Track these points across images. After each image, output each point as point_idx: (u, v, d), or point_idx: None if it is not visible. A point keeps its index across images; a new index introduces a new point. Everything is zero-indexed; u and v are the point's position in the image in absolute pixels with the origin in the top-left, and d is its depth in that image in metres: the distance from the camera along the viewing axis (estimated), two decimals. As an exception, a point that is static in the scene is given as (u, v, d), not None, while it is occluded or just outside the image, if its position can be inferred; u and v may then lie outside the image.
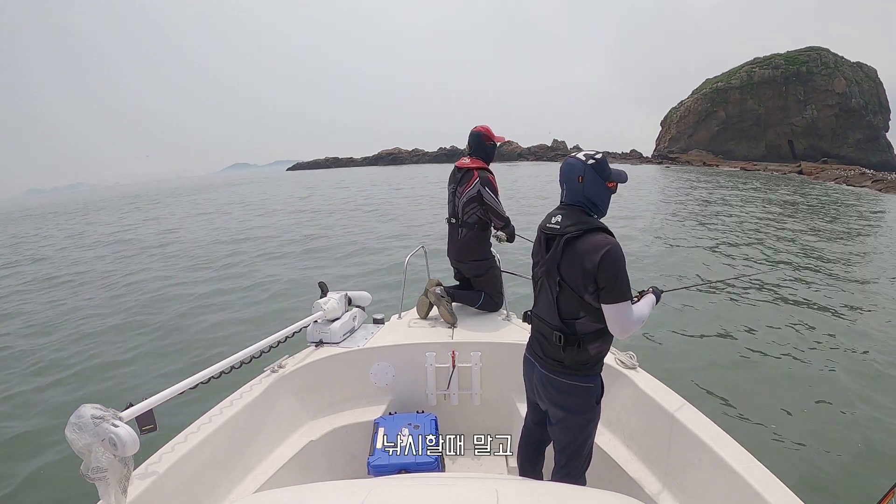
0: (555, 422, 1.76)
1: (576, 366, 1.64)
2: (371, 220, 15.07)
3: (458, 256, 3.03)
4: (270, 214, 18.94)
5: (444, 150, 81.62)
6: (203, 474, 1.73)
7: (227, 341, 5.37)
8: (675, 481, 1.81)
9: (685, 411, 1.88)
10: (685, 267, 8.19)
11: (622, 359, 2.28)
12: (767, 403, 3.84)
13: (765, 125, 53.54)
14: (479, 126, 2.92)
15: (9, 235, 21.97)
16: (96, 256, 12.40)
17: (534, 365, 1.77)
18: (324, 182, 42.73)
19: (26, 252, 15.00)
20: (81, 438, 1.33)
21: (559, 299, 1.62)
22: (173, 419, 2.16)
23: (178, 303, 7.25)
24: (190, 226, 17.49)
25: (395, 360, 2.55)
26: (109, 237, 16.39)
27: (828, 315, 5.82)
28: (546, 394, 1.73)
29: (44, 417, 4.07)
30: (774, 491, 1.42)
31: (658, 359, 4.42)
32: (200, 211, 23.66)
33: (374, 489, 1.08)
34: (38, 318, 7.15)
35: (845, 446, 3.30)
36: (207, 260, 10.50)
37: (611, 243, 1.53)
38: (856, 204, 17.66)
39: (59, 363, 5.23)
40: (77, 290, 8.81)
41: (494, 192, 2.84)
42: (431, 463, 2.00)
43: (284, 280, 8.13)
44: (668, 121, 64.08)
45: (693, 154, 54.46)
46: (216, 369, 1.90)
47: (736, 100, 55.61)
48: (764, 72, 55.61)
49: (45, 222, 27.95)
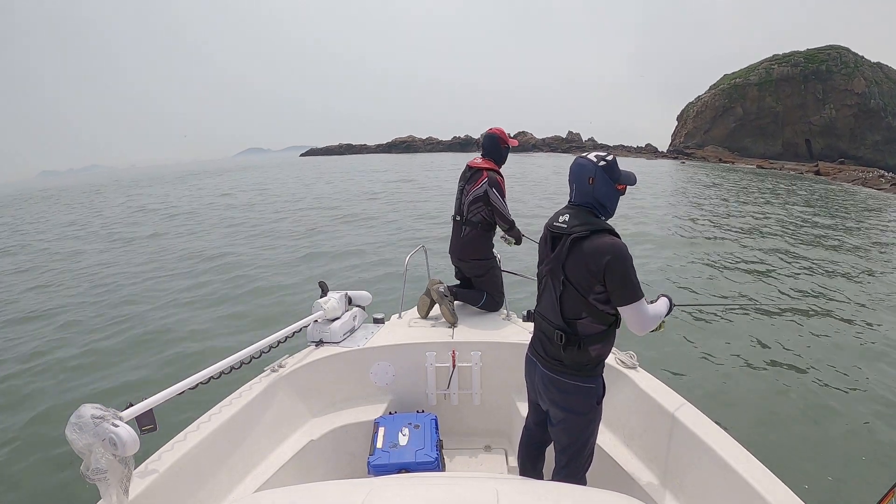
0: (556, 422, 1.76)
1: (577, 366, 1.64)
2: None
3: (460, 255, 3.03)
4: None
5: (458, 140, 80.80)
6: (203, 474, 1.74)
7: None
8: (675, 481, 1.81)
9: (685, 411, 1.87)
10: (697, 278, 7.55)
11: (622, 358, 2.27)
12: (767, 404, 3.81)
13: (782, 123, 52.49)
14: (494, 128, 2.96)
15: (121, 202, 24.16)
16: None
17: (536, 365, 1.77)
18: (330, 169, 42.69)
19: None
20: (82, 438, 1.34)
21: (563, 299, 1.62)
22: (173, 419, 2.18)
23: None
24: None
25: (396, 360, 2.56)
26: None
27: (833, 318, 5.76)
28: (547, 394, 1.73)
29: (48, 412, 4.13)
30: (775, 491, 1.42)
31: (657, 358, 4.39)
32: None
33: (374, 489, 1.08)
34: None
35: (845, 446, 3.28)
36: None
37: (617, 245, 1.52)
38: (881, 209, 16.54)
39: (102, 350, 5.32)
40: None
41: (501, 194, 2.85)
42: (431, 462, 2.00)
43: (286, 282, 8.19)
44: (684, 116, 63.00)
45: (709, 150, 53.40)
46: (216, 369, 1.92)
47: (754, 96, 54.48)
48: (783, 69, 54.48)
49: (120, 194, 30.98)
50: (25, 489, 3.22)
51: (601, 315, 1.58)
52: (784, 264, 8.32)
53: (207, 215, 16.42)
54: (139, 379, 4.59)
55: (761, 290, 6.91)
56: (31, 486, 3.25)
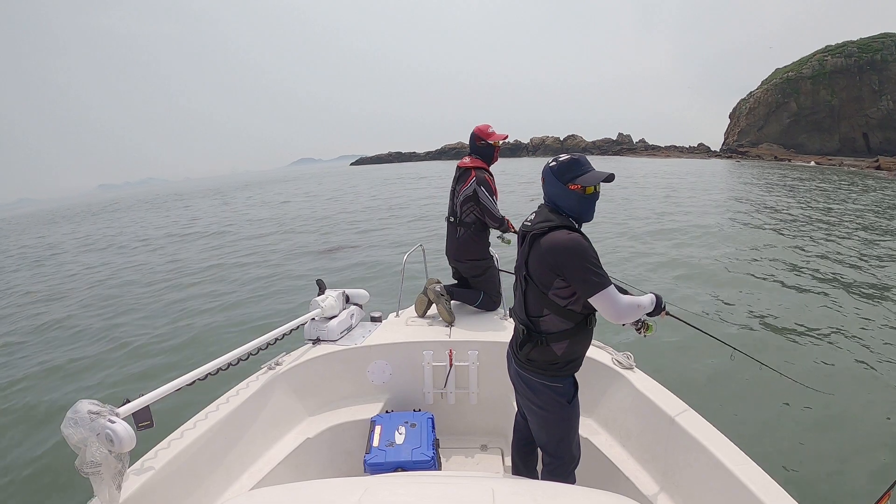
0: (530, 418, 1.81)
1: (543, 365, 1.67)
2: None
3: (456, 256, 3.03)
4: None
5: (508, 145, 75.39)
6: (199, 471, 1.73)
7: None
8: (671, 481, 1.81)
9: (682, 412, 1.88)
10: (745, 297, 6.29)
11: (619, 359, 2.28)
12: (764, 405, 3.83)
13: (838, 117, 49.60)
14: (478, 126, 2.94)
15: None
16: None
17: (511, 361, 1.82)
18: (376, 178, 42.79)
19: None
20: (77, 433, 1.33)
21: (526, 295, 1.67)
22: (170, 416, 2.17)
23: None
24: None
25: (393, 359, 2.56)
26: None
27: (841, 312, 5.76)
28: (519, 389, 1.79)
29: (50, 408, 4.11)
30: (770, 491, 1.43)
31: (656, 357, 4.41)
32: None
33: (370, 487, 1.08)
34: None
35: (842, 447, 3.30)
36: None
37: (573, 238, 1.54)
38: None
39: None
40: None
41: (490, 192, 2.85)
42: (428, 461, 2.00)
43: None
44: (736, 113, 60.24)
45: (763, 148, 51.14)
46: (213, 366, 1.91)
47: (808, 90, 51.84)
48: (836, 60, 51.56)
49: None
50: (21, 484, 3.20)
51: (564, 312, 1.60)
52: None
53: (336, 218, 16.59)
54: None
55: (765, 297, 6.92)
56: (26, 479, 3.23)
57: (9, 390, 4.61)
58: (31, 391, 4.56)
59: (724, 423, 2.76)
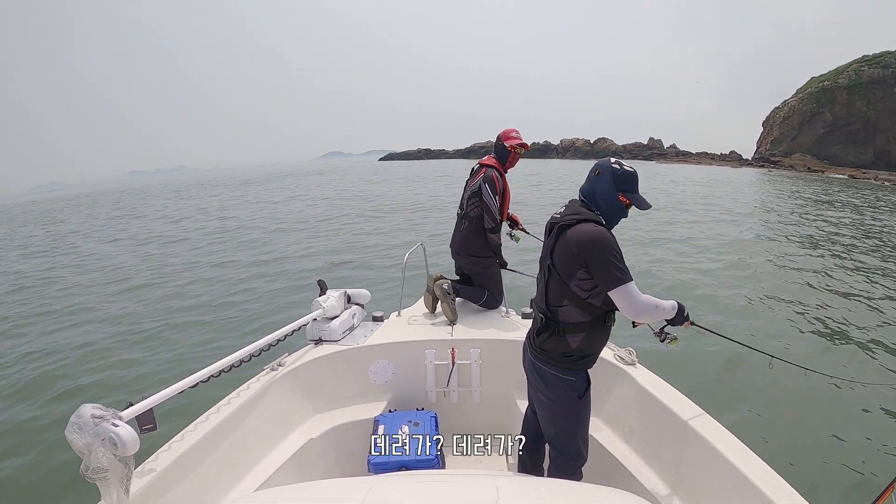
0: (539, 410, 1.83)
1: (558, 356, 1.69)
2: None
3: (458, 248, 3.08)
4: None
5: (538, 146, 71.01)
6: (203, 473, 1.73)
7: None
8: (676, 477, 1.81)
9: (685, 407, 1.88)
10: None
11: (621, 355, 2.28)
12: (767, 400, 3.84)
13: (874, 129, 47.92)
14: (506, 128, 2.99)
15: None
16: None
17: (526, 351, 1.84)
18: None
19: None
20: (81, 438, 1.33)
21: (548, 284, 1.70)
22: (173, 418, 2.17)
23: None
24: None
25: (395, 358, 2.56)
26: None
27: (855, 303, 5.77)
28: (532, 380, 1.81)
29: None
30: (774, 486, 1.43)
31: (656, 355, 4.40)
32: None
33: (374, 487, 1.08)
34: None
35: (844, 442, 3.30)
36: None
37: (599, 231, 1.58)
38: None
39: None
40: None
41: (494, 192, 2.87)
42: (431, 460, 2.01)
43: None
44: (770, 121, 58.79)
45: (796, 158, 49.65)
46: (215, 368, 1.91)
47: (843, 101, 50.08)
48: (873, 71, 49.96)
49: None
50: (25, 489, 3.20)
51: (584, 304, 1.62)
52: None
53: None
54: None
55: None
56: (30, 485, 3.23)
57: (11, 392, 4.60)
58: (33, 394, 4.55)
59: (728, 418, 2.76)
